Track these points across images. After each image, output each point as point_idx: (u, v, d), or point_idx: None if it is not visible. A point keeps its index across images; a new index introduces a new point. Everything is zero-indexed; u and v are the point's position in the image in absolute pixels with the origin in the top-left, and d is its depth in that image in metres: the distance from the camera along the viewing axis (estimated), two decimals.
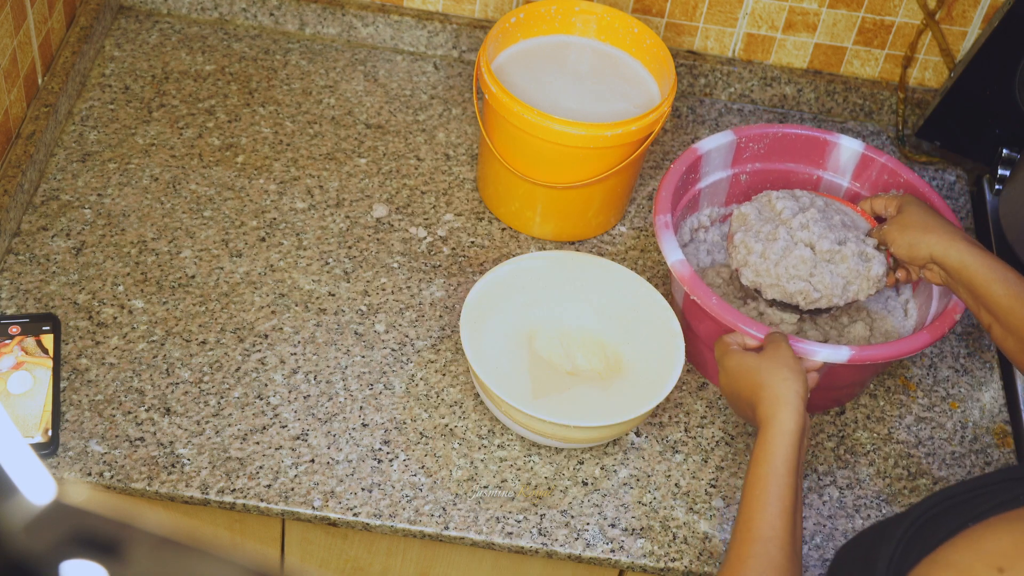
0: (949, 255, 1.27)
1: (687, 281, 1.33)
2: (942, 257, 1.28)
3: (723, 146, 1.49)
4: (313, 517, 1.28)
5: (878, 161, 1.52)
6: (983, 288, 1.24)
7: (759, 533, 1.10)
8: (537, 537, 1.28)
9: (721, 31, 1.73)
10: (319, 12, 1.74)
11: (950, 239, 1.28)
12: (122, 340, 1.38)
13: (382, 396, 1.37)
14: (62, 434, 1.29)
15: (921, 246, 1.31)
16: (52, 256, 1.44)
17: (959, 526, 0.88)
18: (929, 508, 0.94)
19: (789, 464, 1.15)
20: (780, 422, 1.17)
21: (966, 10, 1.68)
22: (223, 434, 1.31)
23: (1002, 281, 1.23)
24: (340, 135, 1.63)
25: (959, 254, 1.27)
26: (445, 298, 1.47)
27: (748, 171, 1.53)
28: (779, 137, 1.52)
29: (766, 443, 1.16)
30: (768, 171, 1.54)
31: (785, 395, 1.18)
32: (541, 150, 1.44)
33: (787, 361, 1.22)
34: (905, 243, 1.32)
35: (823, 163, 1.54)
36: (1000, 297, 1.22)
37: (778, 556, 1.08)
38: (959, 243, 1.28)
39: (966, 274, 1.26)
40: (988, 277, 1.24)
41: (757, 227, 1.40)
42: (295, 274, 1.47)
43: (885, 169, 1.51)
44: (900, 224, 1.34)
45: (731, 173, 1.53)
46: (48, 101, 1.53)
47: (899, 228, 1.34)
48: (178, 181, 1.54)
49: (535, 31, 1.56)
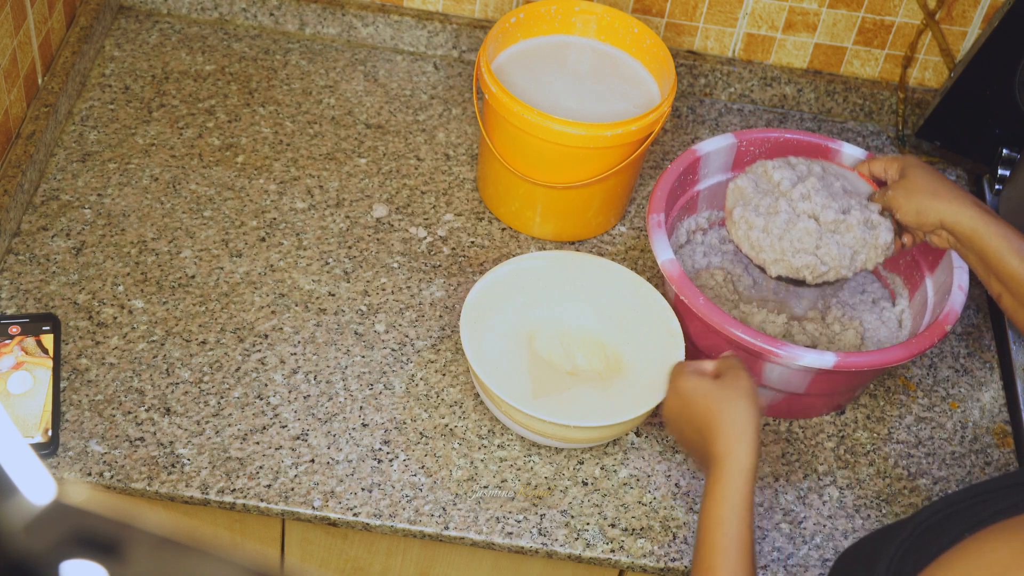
0: (960, 221, 1.23)
1: (676, 281, 1.33)
2: (952, 223, 1.24)
3: (723, 149, 1.49)
4: (313, 517, 1.28)
5: None
6: (995, 257, 1.20)
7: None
8: (537, 537, 1.28)
9: (721, 31, 1.73)
10: (319, 12, 1.74)
11: (960, 204, 1.24)
12: (122, 340, 1.38)
13: (382, 396, 1.37)
14: (62, 434, 1.29)
15: (930, 212, 1.26)
16: (52, 256, 1.44)
17: (959, 534, 0.86)
18: (930, 516, 0.93)
19: (747, 502, 1.10)
20: (738, 458, 1.11)
21: (966, 10, 1.68)
22: (223, 434, 1.31)
23: (1017, 251, 1.19)
24: (340, 135, 1.63)
25: (971, 220, 1.22)
26: (445, 298, 1.47)
27: None
28: (780, 142, 1.52)
29: (725, 481, 1.10)
30: None
31: (744, 429, 1.12)
32: (541, 150, 1.44)
33: (746, 391, 1.16)
34: (912, 209, 1.28)
35: None
36: (1014, 267, 1.18)
37: None
38: (970, 208, 1.23)
39: (978, 241, 1.21)
40: (1001, 246, 1.20)
41: (756, 200, 1.36)
42: (295, 274, 1.47)
43: None
44: (906, 188, 1.29)
45: (731, 177, 1.53)
46: (48, 101, 1.53)
47: (905, 193, 1.29)
48: (178, 181, 1.54)
49: (535, 31, 1.56)
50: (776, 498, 1.35)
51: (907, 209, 1.28)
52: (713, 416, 1.14)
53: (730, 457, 1.11)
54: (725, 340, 1.33)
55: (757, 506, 1.34)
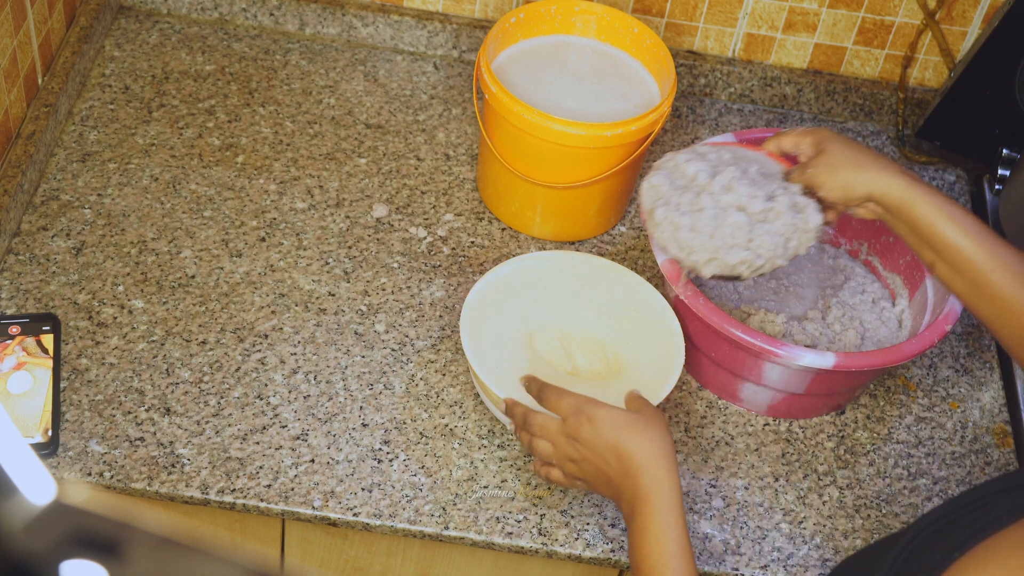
0: (890, 192, 1.17)
1: (675, 281, 1.33)
2: (882, 195, 1.18)
3: None
4: (313, 517, 1.28)
5: None
6: (927, 225, 1.16)
7: None
8: (537, 537, 1.28)
9: (721, 31, 1.73)
10: (319, 12, 1.74)
11: (888, 174, 1.18)
12: (122, 340, 1.38)
13: (382, 396, 1.37)
14: (62, 434, 1.29)
15: (857, 185, 1.20)
16: (52, 256, 1.44)
17: (947, 555, 0.85)
18: (921, 530, 0.91)
19: (686, 532, 1.09)
20: (671, 488, 1.10)
21: (966, 10, 1.68)
22: (223, 434, 1.31)
23: (949, 218, 1.15)
24: (340, 135, 1.63)
25: (900, 190, 1.17)
26: (445, 298, 1.47)
27: None
28: None
29: (661, 513, 1.08)
30: None
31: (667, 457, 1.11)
32: (541, 150, 1.44)
33: (659, 418, 1.16)
34: (837, 185, 1.21)
35: None
36: (947, 234, 1.14)
37: None
38: (898, 178, 1.18)
39: (909, 211, 1.17)
40: (933, 214, 1.15)
41: (676, 198, 1.28)
42: (295, 274, 1.47)
43: None
44: (828, 165, 1.22)
45: None
46: (48, 101, 1.53)
47: (828, 169, 1.22)
48: (178, 181, 1.54)
49: (535, 31, 1.56)
50: (776, 498, 1.35)
51: (832, 185, 1.22)
52: (633, 448, 1.12)
53: (659, 489, 1.09)
54: (725, 340, 1.33)
55: (757, 506, 1.34)
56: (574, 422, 1.17)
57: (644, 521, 1.09)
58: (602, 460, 1.14)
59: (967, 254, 1.13)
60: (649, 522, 1.08)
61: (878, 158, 1.21)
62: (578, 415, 1.16)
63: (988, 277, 1.12)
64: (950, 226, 1.14)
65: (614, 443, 1.14)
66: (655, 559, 1.07)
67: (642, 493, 1.10)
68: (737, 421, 1.41)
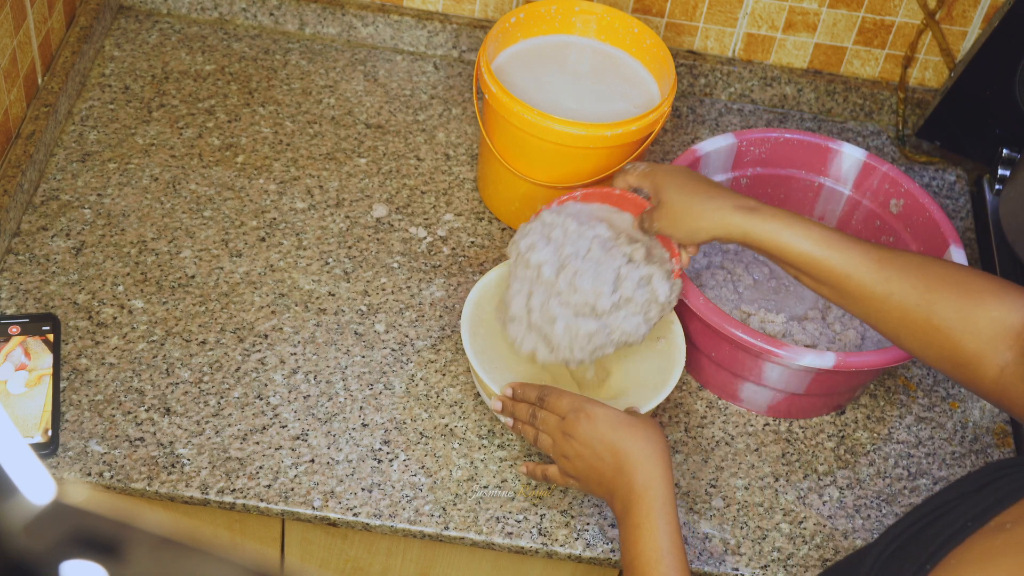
0: (731, 234, 1.18)
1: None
2: (725, 237, 1.20)
3: (723, 149, 1.49)
4: (313, 517, 1.27)
5: (880, 170, 1.51)
6: (776, 249, 1.17)
7: None
8: (537, 537, 1.28)
9: (721, 31, 1.73)
10: (319, 12, 1.74)
11: (722, 215, 1.18)
12: (122, 340, 1.38)
13: (382, 396, 1.37)
14: (62, 434, 1.29)
15: (700, 233, 1.21)
16: (52, 256, 1.44)
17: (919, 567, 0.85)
18: (889, 543, 0.91)
19: (679, 531, 1.10)
20: (666, 488, 1.11)
21: (966, 10, 1.68)
22: (223, 434, 1.31)
23: (794, 235, 1.15)
24: (340, 135, 1.63)
25: (741, 228, 1.18)
26: (445, 298, 1.47)
27: (749, 175, 1.53)
28: (781, 142, 1.52)
29: (657, 512, 1.10)
30: (769, 176, 1.54)
31: (662, 458, 1.13)
32: (541, 150, 1.44)
33: (652, 421, 1.17)
34: (682, 234, 1.23)
35: (825, 170, 1.54)
36: (797, 250, 1.15)
37: None
38: (732, 215, 1.18)
39: (754, 242, 1.18)
40: (776, 237, 1.16)
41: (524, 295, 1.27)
42: (295, 274, 1.47)
43: (886, 178, 1.51)
44: (668, 218, 1.23)
45: (731, 176, 1.53)
46: (48, 101, 1.53)
47: (670, 222, 1.23)
48: (178, 181, 1.54)
49: (535, 31, 1.56)
50: (776, 498, 1.35)
51: (679, 236, 1.23)
52: (629, 447, 1.14)
53: (654, 487, 1.11)
54: (726, 340, 1.33)
55: (757, 506, 1.34)
56: (572, 419, 1.19)
57: (638, 518, 1.10)
58: (597, 457, 1.16)
59: (822, 262, 1.15)
60: (643, 519, 1.10)
61: (711, 197, 1.20)
62: (576, 412, 1.19)
63: (846, 282, 1.14)
64: (797, 241, 1.15)
65: (610, 441, 1.16)
66: (648, 555, 1.08)
67: (637, 491, 1.12)
68: (737, 421, 1.41)
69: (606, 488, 1.17)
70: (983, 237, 1.64)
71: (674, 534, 1.10)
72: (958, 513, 0.88)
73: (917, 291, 1.11)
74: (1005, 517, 0.85)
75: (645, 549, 1.08)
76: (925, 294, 1.11)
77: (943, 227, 1.45)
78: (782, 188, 1.55)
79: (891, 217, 1.51)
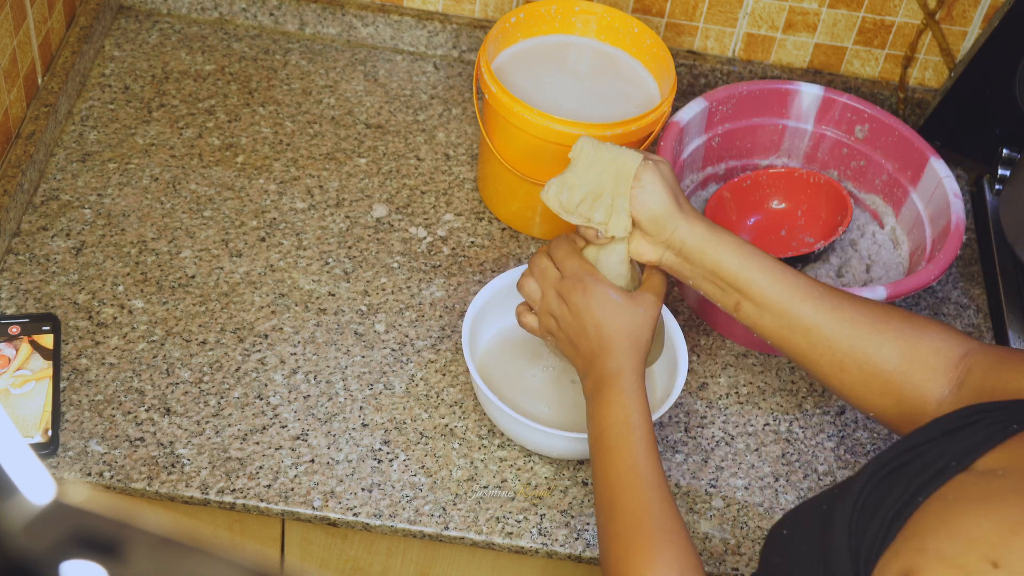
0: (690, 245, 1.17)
1: None
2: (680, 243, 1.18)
3: (697, 114, 1.52)
4: (313, 517, 1.28)
5: (839, 101, 1.56)
6: (728, 268, 1.16)
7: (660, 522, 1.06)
8: (537, 537, 1.28)
9: (721, 31, 1.73)
10: (319, 12, 1.74)
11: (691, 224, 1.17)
12: (122, 340, 1.38)
13: (382, 396, 1.37)
14: (62, 434, 1.29)
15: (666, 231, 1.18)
16: (52, 256, 1.44)
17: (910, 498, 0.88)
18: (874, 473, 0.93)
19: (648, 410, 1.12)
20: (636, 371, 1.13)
21: (966, 10, 1.68)
22: (223, 434, 1.31)
23: (748, 257, 1.16)
24: (340, 135, 1.63)
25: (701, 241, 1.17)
26: (445, 298, 1.47)
27: (720, 133, 1.57)
28: (744, 95, 1.55)
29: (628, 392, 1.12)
30: (736, 130, 1.57)
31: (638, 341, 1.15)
32: (541, 150, 1.44)
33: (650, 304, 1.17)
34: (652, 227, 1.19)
35: (786, 112, 1.58)
36: (747, 273, 1.15)
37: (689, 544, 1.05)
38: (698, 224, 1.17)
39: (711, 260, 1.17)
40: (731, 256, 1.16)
41: None
42: (295, 274, 1.47)
43: (848, 108, 1.56)
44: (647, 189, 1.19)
45: (705, 138, 1.56)
46: (48, 101, 1.53)
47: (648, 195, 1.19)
48: (178, 181, 1.54)
49: (535, 31, 1.56)
50: (776, 498, 1.35)
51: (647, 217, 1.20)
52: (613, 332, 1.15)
53: (625, 375, 1.13)
54: None
55: (757, 506, 1.34)
56: (570, 285, 1.18)
57: (610, 395, 1.12)
58: (582, 330, 1.17)
59: (773, 290, 1.15)
60: (616, 396, 1.11)
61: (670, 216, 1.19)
62: (576, 280, 1.18)
63: (797, 308, 1.15)
64: (752, 264, 1.16)
65: (598, 319, 1.16)
66: (620, 429, 1.10)
67: (610, 374, 1.13)
68: (737, 421, 1.41)
69: (584, 361, 1.17)
70: (983, 237, 1.64)
71: (646, 412, 1.11)
72: (940, 451, 0.91)
73: (868, 320, 1.13)
74: (992, 461, 0.88)
75: (616, 422, 1.10)
76: (875, 323, 1.13)
77: (916, 143, 1.52)
78: (749, 138, 1.58)
79: (857, 143, 1.57)
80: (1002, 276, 1.57)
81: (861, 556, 0.88)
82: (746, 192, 1.58)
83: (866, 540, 0.88)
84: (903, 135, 1.53)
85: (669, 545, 1.03)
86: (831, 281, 1.49)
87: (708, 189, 1.60)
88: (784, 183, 1.58)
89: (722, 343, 1.48)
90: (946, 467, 0.89)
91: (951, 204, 1.44)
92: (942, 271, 1.37)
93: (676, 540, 1.04)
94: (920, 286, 1.36)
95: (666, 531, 1.04)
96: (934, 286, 1.59)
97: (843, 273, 1.50)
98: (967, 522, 0.83)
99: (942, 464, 0.89)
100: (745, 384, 1.45)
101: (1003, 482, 0.85)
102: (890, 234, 1.55)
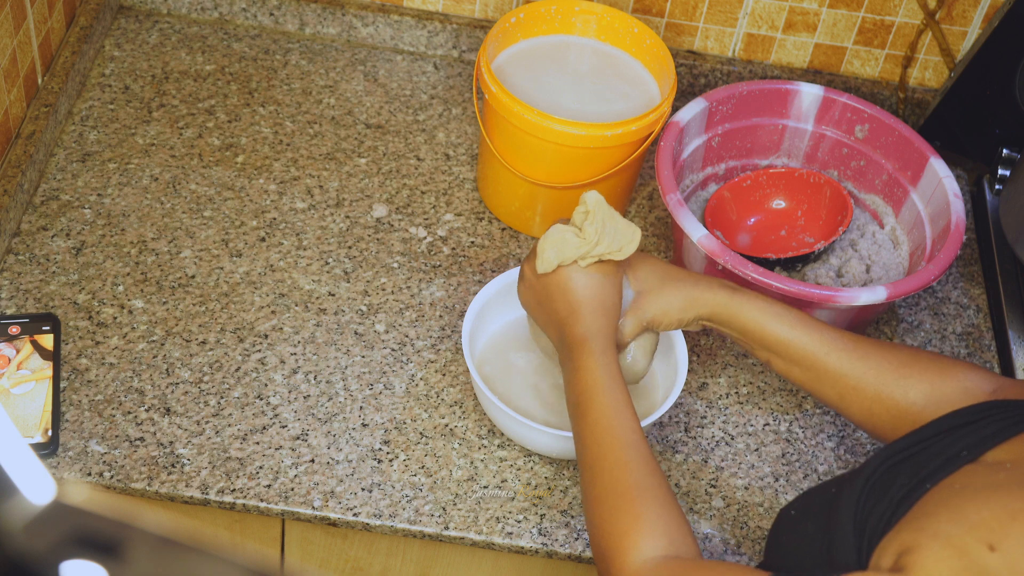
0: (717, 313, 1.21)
1: (719, 254, 1.35)
2: (709, 316, 1.21)
3: (697, 114, 1.51)
4: (313, 517, 1.28)
5: (839, 101, 1.56)
6: (759, 330, 1.20)
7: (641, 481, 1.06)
8: (537, 537, 1.28)
9: (721, 31, 1.73)
10: (319, 12, 1.74)
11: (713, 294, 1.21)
12: (122, 340, 1.38)
13: (382, 396, 1.37)
14: (62, 434, 1.29)
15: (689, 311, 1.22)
16: (52, 256, 1.44)
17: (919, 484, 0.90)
18: (886, 459, 0.96)
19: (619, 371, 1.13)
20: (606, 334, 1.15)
21: (966, 10, 1.68)
22: (223, 434, 1.31)
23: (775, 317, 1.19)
24: (340, 135, 1.63)
25: (727, 308, 1.20)
26: (445, 298, 1.47)
27: (720, 133, 1.57)
28: (744, 95, 1.55)
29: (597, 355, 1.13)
30: (736, 130, 1.57)
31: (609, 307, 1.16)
32: (541, 150, 1.44)
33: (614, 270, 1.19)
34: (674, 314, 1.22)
35: (786, 112, 1.58)
36: (777, 332, 1.19)
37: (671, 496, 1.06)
38: (720, 294, 1.21)
39: (738, 322, 1.20)
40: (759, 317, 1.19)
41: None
42: (295, 274, 1.47)
43: (847, 108, 1.56)
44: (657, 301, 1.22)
45: (705, 138, 1.55)
46: (48, 101, 1.53)
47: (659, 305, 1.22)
48: (178, 181, 1.54)
49: (535, 31, 1.56)
50: (776, 498, 1.35)
51: (667, 322, 1.22)
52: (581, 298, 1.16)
53: (592, 339, 1.14)
54: (776, 295, 1.33)
55: (757, 506, 1.34)
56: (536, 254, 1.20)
57: (580, 360, 1.14)
58: (548, 297, 1.19)
59: (799, 344, 1.18)
60: (586, 360, 1.13)
61: (695, 277, 1.22)
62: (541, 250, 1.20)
63: (823, 361, 1.18)
64: (777, 323, 1.19)
65: (563, 283, 1.18)
66: (592, 392, 1.12)
67: (579, 339, 1.15)
68: (737, 421, 1.41)
69: (556, 331, 1.19)
70: (983, 237, 1.64)
71: (615, 372, 1.13)
72: (951, 440, 0.94)
73: (892, 366, 1.16)
74: (1001, 454, 0.91)
75: (587, 386, 1.12)
76: (900, 368, 1.15)
77: (916, 143, 1.52)
78: (748, 138, 1.58)
79: (857, 142, 1.57)
80: (1002, 276, 1.57)
81: (866, 534, 0.90)
82: (746, 192, 1.58)
83: (871, 520, 0.91)
84: (903, 135, 1.53)
85: (652, 502, 1.04)
86: (831, 281, 1.49)
87: (708, 189, 1.60)
88: (784, 183, 1.58)
89: (722, 343, 1.48)
90: (956, 456, 0.91)
91: (951, 204, 1.44)
92: (942, 271, 1.37)
93: (658, 496, 1.05)
94: (920, 286, 1.36)
95: (646, 488, 1.05)
96: (934, 286, 1.59)
97: (843, 273, 1.50)
98: (969, 508, 0.85)
99: (952, 453, 0.92)
100: (745, 384, 1.45)
101: (1009, 474, 0.88)
102: (890, 234, 1.55)
